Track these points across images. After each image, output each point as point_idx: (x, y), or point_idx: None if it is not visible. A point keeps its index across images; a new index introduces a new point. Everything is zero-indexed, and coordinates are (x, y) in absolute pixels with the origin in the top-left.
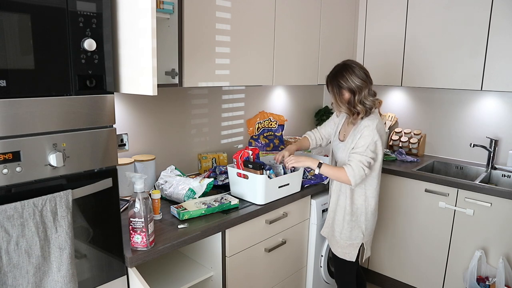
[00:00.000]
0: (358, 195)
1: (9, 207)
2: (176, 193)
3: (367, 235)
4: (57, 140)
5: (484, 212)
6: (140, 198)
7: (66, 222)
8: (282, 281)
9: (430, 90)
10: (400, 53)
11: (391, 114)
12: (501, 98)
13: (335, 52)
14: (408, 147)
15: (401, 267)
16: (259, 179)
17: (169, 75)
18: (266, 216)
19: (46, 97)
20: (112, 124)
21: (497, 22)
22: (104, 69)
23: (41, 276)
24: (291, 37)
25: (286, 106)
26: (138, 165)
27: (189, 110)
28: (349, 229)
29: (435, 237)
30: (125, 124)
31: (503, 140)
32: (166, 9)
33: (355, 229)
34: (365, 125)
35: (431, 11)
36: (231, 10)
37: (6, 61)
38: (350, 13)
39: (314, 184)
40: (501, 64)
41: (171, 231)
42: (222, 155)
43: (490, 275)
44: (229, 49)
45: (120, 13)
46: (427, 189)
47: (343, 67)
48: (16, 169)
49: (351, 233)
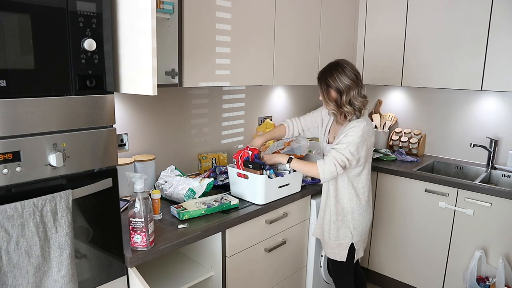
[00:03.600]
0: (343, 194)
1: (9, 207)
2: (176, 193)
3: (357, 235)
4: (57, 140)
5: (484, 212)
6: (140, 198)
7: (66, 222)
8: (282, 281)
9: (430, 90)
10: (400, 53)
11: (391, 114)
12: (501, 98)
13: (335, 52)
14: (408, 147)
15: (401, 267)
16: (259, 179)
17: (169, 75)
18: (266, 216)
19: (46, 97)
20: (112, 124)
21: (497, 22)
22: (104, 69)
23: (41, 276)
24: (291, 37)
25: (286, 106)
26: (138, 165)
27: (189, 110)
28: (336, 228)
29: (435, 237)
30: (125, 124)
31: (503, 140)
32: (166, 9)
33: (342, 228)
34: (352, 126)
35: (431, 11)
36: (231, 10)
37: (6, 61)
38: (350, 13)
39: (312, 183)
40: (501, 64)
41: (171, 231)
42: (222, 155)
43: (490, 275)
44: (229, 49)
45: (120, 13)
46: (427, 189)
47: (334, 66)
48: (16, 169)
49: (338, 232)
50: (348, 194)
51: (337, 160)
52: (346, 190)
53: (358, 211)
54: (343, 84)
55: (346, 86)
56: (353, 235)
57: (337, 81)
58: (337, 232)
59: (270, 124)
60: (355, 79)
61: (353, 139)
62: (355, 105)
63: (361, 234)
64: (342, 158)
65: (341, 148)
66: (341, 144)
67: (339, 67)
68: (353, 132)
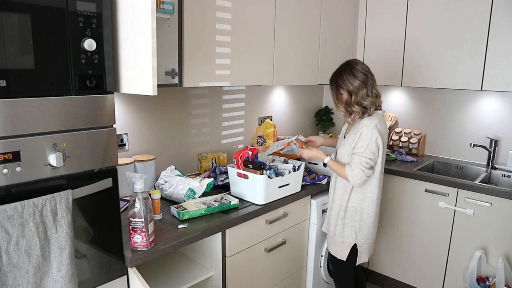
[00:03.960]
0: (355, 193)
1: (9, 207)
2: (176, 193)
3: (362, 237)
4: (57, 140)
5: (484, 212)
6: (140, 198)
7: (66, 222)
8: (282, 281)
9: (430, 90)
10: (400, 53)
11: (391, 114)
12: (501, 98)
13: (335, 52)
14: (408, 147)
15: (401, 267)
16: (259, 179)
17: (169, 75)
18: (266, 216)
19: (46, 97)
20: (112, 124)
21: (497, 22)
22: (104, 69)
23: (41, 276)
24: (291, 37)
25: (286, 106)
26: (138, 165)
27: (189, 110)
28: (342, 225)
29: (435, 237)
30: (125, 124)
31: (503, 140)
32: (166, 9)
33: (347, 226)
34: (364, 124)
35: (431, 11)
36: (231, 10)
37: (6, 61)
38: (350, 13)
39: (312, 183)
40: (501, 64)
41: (171, 231)
42: (222, 155)
43: (490, 275)
44: (229, 49)
45: (120, 13)
46: (427, 189)
47: (344, 67)
48: (16, 169)
49: (344, 230)
50: (361, 193)
51: (362, 164)
52: (357, 190)
53: (367, 213)
54: (352, 85)
55: (355, 87)
56: (357, 236)
57: (346, 82)
58: (342, 229)
59: (270, 124)
60: (364, 80)
61: (369, 138)
62: (364, 104)
63: (366, 237)
64: (366, 160)
65: (361, 152)
66: (360, 147)
67: (348, 68)
68: (366, 130)
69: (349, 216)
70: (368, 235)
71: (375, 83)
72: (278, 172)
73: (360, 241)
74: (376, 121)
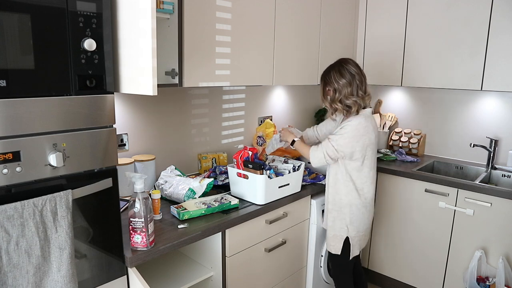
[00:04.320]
0: (343, 185)
1: (9, 207)
2: (176, 193)
3: (353, 229)
4: (57, 140)
5: (484, 212)
6: (140, 198)
7: (66, 222)
8: (282, 281)
9: (430, 90)
10: (400, 53)
11: (391, 114)
12: (501, 98)
13: (335, 52)
14: (408, 147)
15: (401, 267)
16: (259, 179)
17: (169, 75)
18: (266, 216)
19: (46, 97)
20: (112, 124)
21: (497, 22)
22: (104, 69)
23: (41, 276)
24: (291, 37)
25: (286, 106)
26: (138, 165)
27: (189, 110)
28: (332, 219)
29: (435, 237)
30: (125, 124)
31: (503, 140)
32: (166, 9)
33: (337, 220)
34: (349, 120)
35: (431, 11)
36: (231, 10)
37: (6, 61)
38: (350, 13)
39: (312, 183)
40: (501, 64)
41: (171, 231)
42: (222, 155)
43: (490, 275)
44: (229, 49)
45: (120, 13)
46: (427, 189)
47: (334, 65)
48: (16, 169)
49: (334, 223)
50: (346, 187)
51: (326, 149)
52: (345, 183)
53: (356, 206)
54: (338, 83)
55: (340, 85)
56: (349, 229)
57: (332, 80)
58: (333, 223)
59: (270, 124)
60: (350, 79)
61: (346, 131)
62: (346, 103)
63: (357, 230)
64: (331, 148)
65: (333, 139)
66: (334, 135)
67: (337, 66)
68: (348, 125)
69: (338, 209)
70: (358, 227)
71: (363, 84)
72: (278, 172)
73: (351, 234)
74: (361, 119)
